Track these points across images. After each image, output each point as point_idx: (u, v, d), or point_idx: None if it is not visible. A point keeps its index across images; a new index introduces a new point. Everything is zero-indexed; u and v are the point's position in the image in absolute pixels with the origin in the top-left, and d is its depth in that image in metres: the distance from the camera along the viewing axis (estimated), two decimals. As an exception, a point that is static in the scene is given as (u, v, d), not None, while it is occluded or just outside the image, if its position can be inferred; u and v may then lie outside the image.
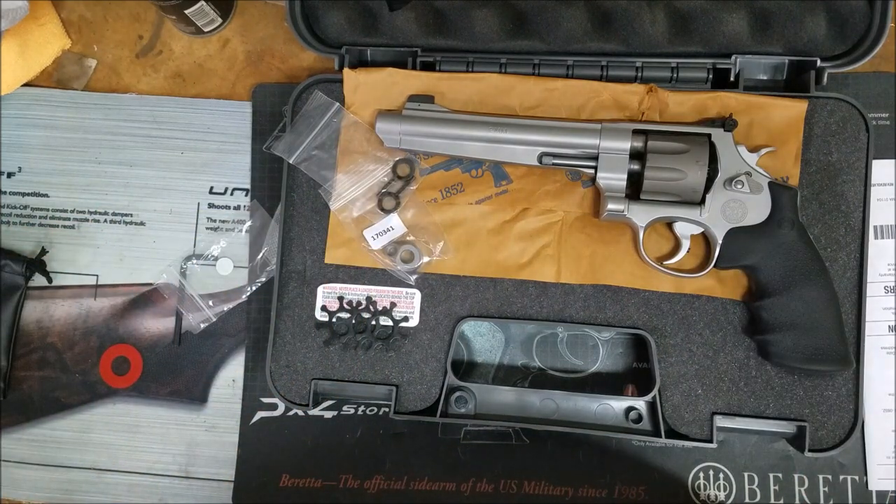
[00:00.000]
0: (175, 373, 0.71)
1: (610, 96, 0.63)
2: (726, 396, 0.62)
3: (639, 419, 0.63)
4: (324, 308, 0.64)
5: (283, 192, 0.65)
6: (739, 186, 0.59)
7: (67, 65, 0.75)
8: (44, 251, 0.72)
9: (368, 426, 0.69)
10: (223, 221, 0.73)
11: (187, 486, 0.70)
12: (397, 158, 0.64)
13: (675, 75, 0.65)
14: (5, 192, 0.74)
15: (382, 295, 0.64)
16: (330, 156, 0.65)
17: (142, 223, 0.73)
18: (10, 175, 0.74)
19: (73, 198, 0.74)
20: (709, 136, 0.59)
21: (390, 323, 0.64)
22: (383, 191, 0.64)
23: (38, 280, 0.73)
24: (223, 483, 0.70)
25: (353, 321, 0.64)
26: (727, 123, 0.59)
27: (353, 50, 0.67)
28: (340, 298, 0.64)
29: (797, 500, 0.66)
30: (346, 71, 0.65)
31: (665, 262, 0.61)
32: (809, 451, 0.60)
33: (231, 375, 0.71)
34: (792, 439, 0.63)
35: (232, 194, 0.73)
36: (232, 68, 0.75)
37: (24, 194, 0.74)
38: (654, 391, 0.62)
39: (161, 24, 0.75)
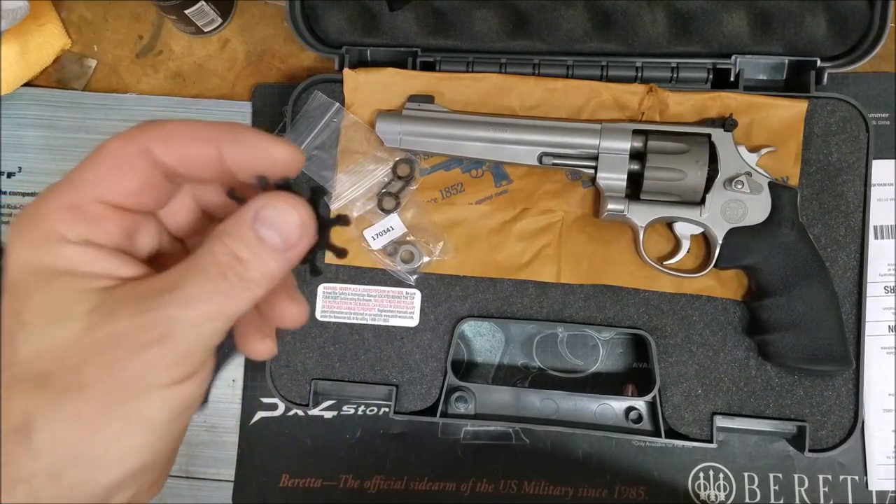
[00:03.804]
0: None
1: (610, 96, 0.63)
2: (726, 396, 0.62)
3: (639, 419, 0.63)
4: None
5: (283, 192, 0.65)
6: (739, 186, 0.59)
7: (67, 65, 0.75)
8: (44, 251, 0.72)
9: (368, 426, 0.69)
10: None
11: (187, 486, 0.70)
12: (397, 158, 0.64)
13: (675, 75, 0.65)
14: (5, 192, 0.74)
15: (381, 295, 0.64)
16: (330, 156, 0.65)
17: (142, 223, 0.73)
18: (10, 175, 0.74)
19: (73, 198, 0.73)
20: (709, 136, 0.59)
21: (380, 323, 0.64)
22: (383, 191, 0.64)
23: (38, 280, 0.72)
24: (223, 483, 0.70)
25: None
26: (727, 123, 0.59)
27: (353, 50, 0.67)
28: None
29: (797, 500, 0.66)
30: (346, 71, 0.65)
31: (665, 262, 0.61)
32: (809, 451, 0.60)
33: (231, 375, 0.71)
34: (792, 439, 0.63)
35: (232, 194, 0.73)
36: (232, 68, 0.75)
37: (24, 194, 0.74)
38: (654, 391, 0.62)
39: (161, 24, 0.75)
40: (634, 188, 0.60)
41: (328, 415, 0.69)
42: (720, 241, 0.59)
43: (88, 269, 0.28)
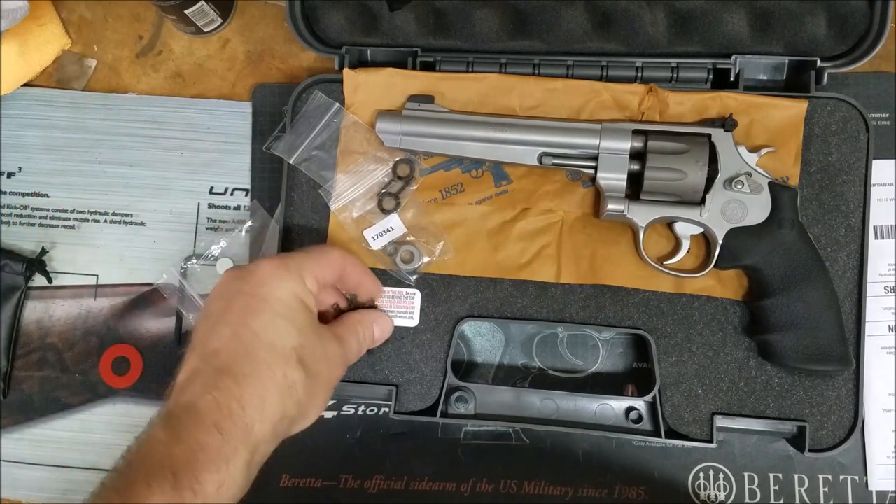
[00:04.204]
0: (175, 373, 0.71)
1: (610, 96, 0.63)
2: (726, 396, 0.62)
3: (639, 419, 0.63)
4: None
5: (283, 192, 0.65)
6: (739, 186, 0.59)
7: (67, 65, 0.75)
8: (44, 251, 0.72)
9: (368, 426, 0.69)
10: (223, 221, 0.73)
11: (187, 486, 0.70)
12: (397, 158, 0.64)
13: (675, 75, 0.65)
14: (5, 192, 0.74)
15: (382, 295, 0.64)
16: (330, 156, 0.65)
17: (142, 223, 0.73)
18: (10, 175, 0.74)
19: (73, 198, 0.74)
20: (709, 136, 0.59)
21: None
22: (383, 191, 0.64)
23: (39, 280, 0.73)
24: (223, 483, 0.70)
25: None
26: (727, 123, 0.59)
27: (353, 50, 0.67)
28: None
29: (797, 500, 0.66)
30: (346, 71, 0.65)
31: (665, 262, 0.61)
32: (809, 451, 0.60)
33: (231, 375, 0.71)
34: (792, 439, 0.63)
35: (232, 194, 0.73)
36: (232, 68, 0.75)
37: (24, 194, 0.74)
38: (654, 391, 0.62)
39: (161, 24, 0.75)
40: (634, 188, 0.60)
41: (328, 415, 0.69)
42: (720, 241, 0.59)
43: (314, 310, 0.54)
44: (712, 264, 0.60)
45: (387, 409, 0.67)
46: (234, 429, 0.46)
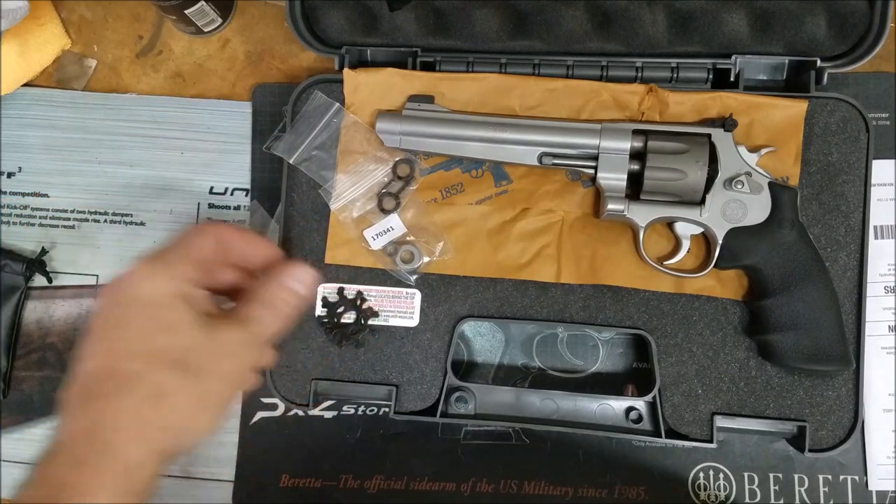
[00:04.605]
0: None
1: (610, 96, 0.63)
2: (726, 396, 0.62)
3: (639, 419, 0.63)
4: (325, 300, 0.64)
5: (283, 192, 0.65)
6: (739, 186, 0.59)
7: (67, 65, 0.75)
8: (44, 251, 0.72)
9: (368, 426, 0.69)
10: (223, 221, 0.73)
11: (187, 486, 0.70)
12: (397, 158, 0.64)
13: (675, 75, 0.65)
14: (5, 192, 0.74)
15: (381, 295, 0.64)
16: (330, 156, 0.65)
17: (142, 223, 0.73)
18: (10, 175, 0.74)
19: (73, 198, 0.74)
20: (709, 136, 0.59)
21: (380, 323, 0.64)
22: (383, 191, 0.64)
23: (39, 280, 0.73)
24: (223, 483, 0.69)
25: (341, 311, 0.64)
26: (727, 123, 0.59)
27: (353, 50, 0.67)
28: (341, 289, 0.64)
29: (797, 500, 0.66)
30: (346, 71, 0.65)
31: (665, 262, 0.61)
32: (809, 451, 0.60)
33: (231, 375, 0.71)
34: (792, 439, 0.63)
35: (232, 194, 0.73)
36: (232, 68, 0.75)
37: (24, 194, 0.74)
38: (654, 391, 0.62)
39: (161, 24, 0.75)
40: (634, 188, 0.60)
41: (328, 415, 0.69)
42: (720, 241, 0.59)
43: (199, 299, 0.47)
44: (712, 264, 0.60)
45: (387, 409, 0.67)
46: (100, 459, 0.43)
